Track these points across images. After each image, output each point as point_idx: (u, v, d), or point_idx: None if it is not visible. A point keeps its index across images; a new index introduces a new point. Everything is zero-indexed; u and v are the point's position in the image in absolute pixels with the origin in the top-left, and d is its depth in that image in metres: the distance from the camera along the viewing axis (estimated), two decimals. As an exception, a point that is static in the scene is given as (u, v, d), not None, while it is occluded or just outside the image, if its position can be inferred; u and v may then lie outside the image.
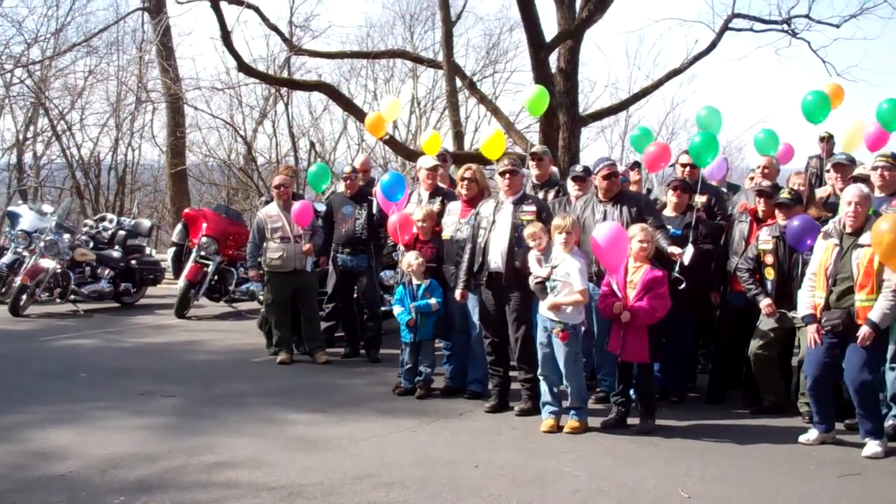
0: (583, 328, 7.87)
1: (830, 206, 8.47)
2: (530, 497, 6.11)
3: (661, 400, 8.54)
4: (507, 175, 8.28)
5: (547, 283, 7.70)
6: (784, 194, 8.03)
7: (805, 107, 8.80)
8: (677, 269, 8.03)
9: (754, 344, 8.08)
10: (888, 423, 7.38)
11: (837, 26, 18.24)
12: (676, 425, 7.89)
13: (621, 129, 31.47)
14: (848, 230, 7.13)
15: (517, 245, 8.09)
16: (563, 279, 7.61)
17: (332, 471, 6.58)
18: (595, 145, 30.80)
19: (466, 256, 8.38)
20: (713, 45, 17.79)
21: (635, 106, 26.79)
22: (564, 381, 7.77)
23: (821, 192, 9.10)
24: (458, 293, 8.46)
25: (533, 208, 8.20)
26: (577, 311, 7.70)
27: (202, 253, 13.60)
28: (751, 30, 18.48)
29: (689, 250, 8.12)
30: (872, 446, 7.04)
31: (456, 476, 6.51)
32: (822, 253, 7.22)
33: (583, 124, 16.83)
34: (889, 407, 7.47)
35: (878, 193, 7.76)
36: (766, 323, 8.01)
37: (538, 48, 15.63)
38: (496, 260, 8.18)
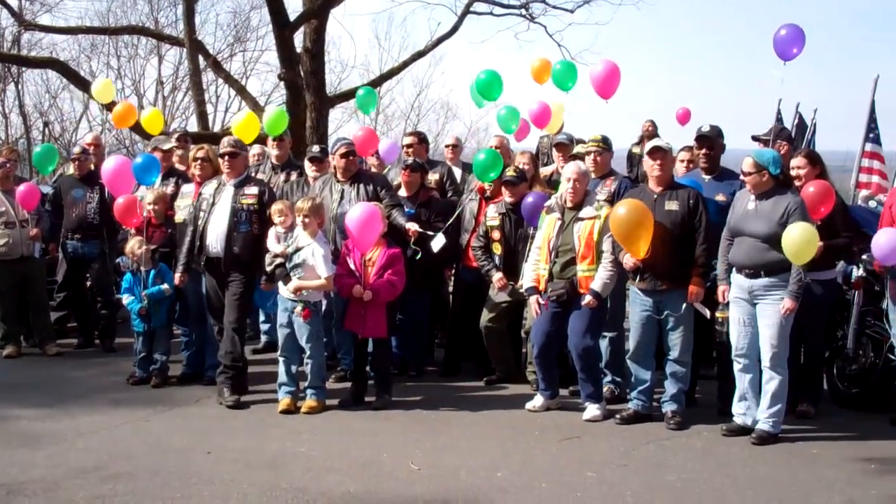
0: (323, 307, 7.88)
1: (555, 184, 8.86)
2: (262, 479, 6.07)
3: (400, 375, 8.70)
4: (227, 157, 8.11)
5: (287, 264, 7.63)
6: (510, 172, 8.33)
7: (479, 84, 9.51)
8: (412, 245, 8.18)
9: (485, 316, 8.36)
10: (605, 388, 7.85)
11: (572, 11, 19.18)
12: (413, 399, 8.05)
13: (374, 110, 31.58)
14: (569, 205, 7.50)
15: (236, 229, 7.95)
16: (307, 262, 7.57)
17: (57, 466, 6.30)
18: (349, 126, 30.84)
19: (187, 240, 8.16)
20: (455, 28, 18.27)
21: (387, 87, 27.10)
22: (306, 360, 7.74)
23: (546, 171, 9.51)
24: (176, 277, 8.23)
25: (254, 191, 8.08)
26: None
27: None
28: (491, 14, 19.12)
29: (440, 239, 8.30)
30: (592, 410, 7.45)
31: (188, 464, 6.38)
32: (546, 227, 7.56)
33: (331, 105, 16.82)
34: (605, 373, 7.95)
35: (592, 176, 8.19)
36: (496, 296, 8.30)
37: (282, 27, 15.49)
38: (215, 244, 8.01)
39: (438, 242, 8.28)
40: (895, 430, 7.17)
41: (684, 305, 7.18)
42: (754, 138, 8.71)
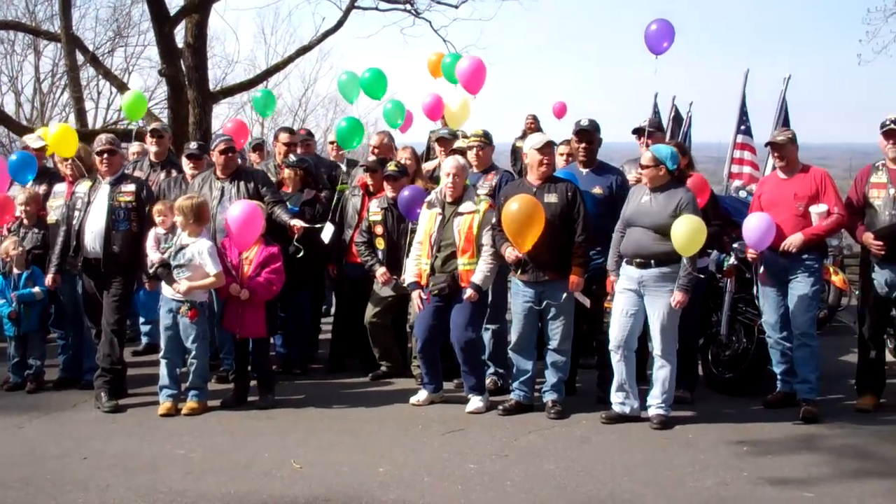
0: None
1: (437, 179, 8.89)
2: (140, 483, 5.96)
3: (285, 373, 8.63)
4: (106, 155, 7.91)
5: (172, 265, 7.48)
6: (391, 167, 8.33)
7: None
8: (295, 241, 8.11)
9: (369, 311, 8.35)
10: (488, 380, 7.93)
11: (456, 7, 19.25)
12: (297, 398, 7.99)
13: (273, 112, 31.14)
14: (449, 199, 7.54)
15: (114, 228, 7.77)
16: (194, 260, 7.43)
17: (-76, 480, 6.05)
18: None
19: (60, 240, 7.92)
20: (340, 23, 18.15)
21: (274, 83, 26.77)
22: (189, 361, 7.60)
23: (428, 166, 9.55)
24: (48, 279, 7.99)
25: (132, 188, 7.92)
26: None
27: None
28: (376, 9, 19.06)
29: (329, 228, 8.25)
30: (475, 402, 7.52)
31: (63, 471, 6.22)
32: (427, 221, 7.59)
33: (214, 100, 16.52)
34: (488, 365, 8.03)
35: (473, 170, 8.26)
36: (380, 291, 8.30)
37: (162, 22, 15.18)
38: (92, 244, 7.80)
39: (328, 232, 8.25)
40: (767, 412, 7.41)
41: (564, 295, 7.30)
42: (635, 131, 8.88)
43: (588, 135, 7.94)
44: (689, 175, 7.59)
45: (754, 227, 7.23)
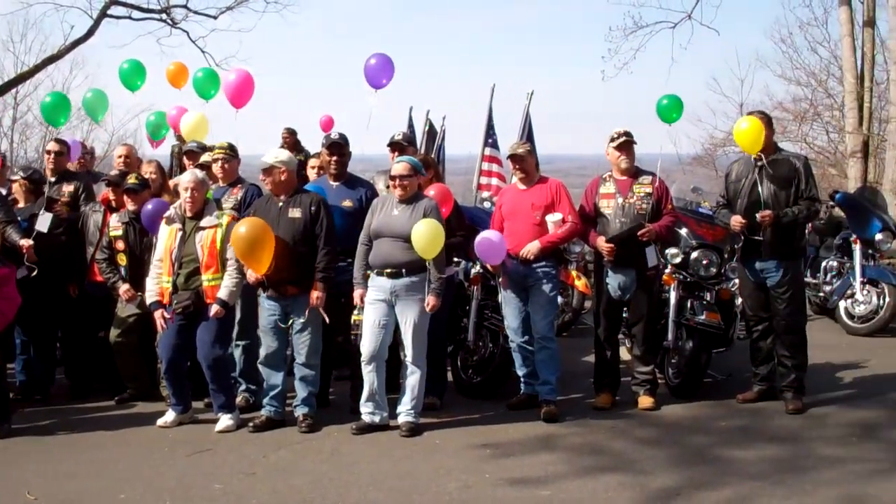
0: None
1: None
2: None
3: (24, 400, 8.24)
4: None
5: None
6: (131, 180, 8.06)
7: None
8: (26, 261, 7.70)
9: (114, 332, 8.02)
10: (239, 397, 7.81)
11: (215, 17, 18.99)
12: (38, 425, 7.56)
13: (10, 116, 29.42)
14: (188, 214, 7.37)
15: None
16: None
17: None
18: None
19: None
20: (91, 32, 17.47)
21: (24, 93, 25.35)
22: None
23: (175, 181, 9.30)
24: None
25: None
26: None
27: None
28: (130, 17, 18.46)
29: (46, 218, 7.89)
30: (225, 420, 7.37)
31: None
32: (167, 238, 7.39)
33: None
34: (239, 382, 7.91)
35: (220, 183, 8.13)
36: (124, 309, 8.00)
37: None
38: None
39: (44, 221, 7.91)
40: (511, 414, 7.67)
41: (309, 310, 7.28)
42: (389, 144, 8.99)
43: (339, 147, 7.98)
44: (437, 185, 7.77)
45: (484, 243, 7.48)
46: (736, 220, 7.70)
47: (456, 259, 8.20)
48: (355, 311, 7.45)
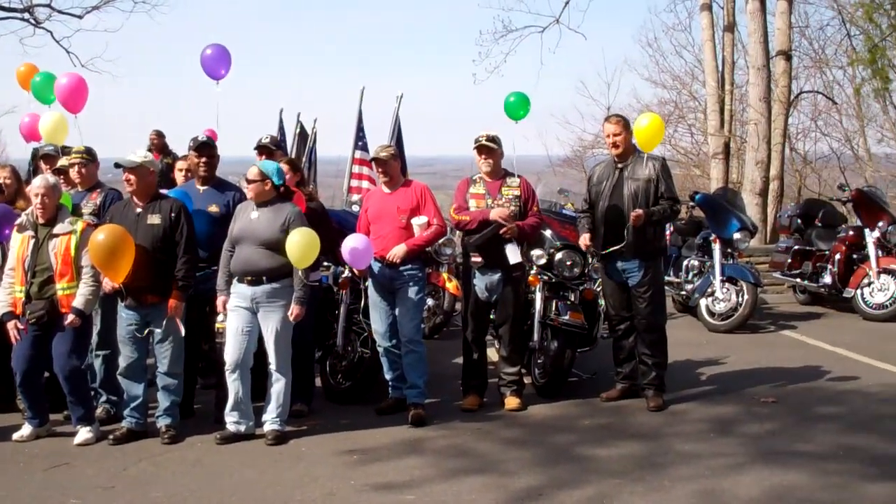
0: None
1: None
2: None
3: None
4: None
5: None
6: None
7: None
8: None
9: (-35, 345, 7.68)
10: (100, 408, 7.59)
11: (80, 17, 18.48)
12: None
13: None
14: (41, 221, 7.12)
15: None
16: None
17: None
18: None
19: None
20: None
21: None
22: None
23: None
24: None
25: None
26: None
27: None
28: (-9, 16, 17.77)
29: None
30: (84, 433, 7.14)
31: None
32: (19, 246, 7.12)
33: None
34: (100, 393, 7.68)
35: (79, 188, 7.89)
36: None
37: None
38: None
39: None
40: (380, 419, 7.65)
41: (166, 320, 7.12)
42: (257, 148, 8.86)
43: (208, 149, 7.82)
44: (295, 192, 7.69)
45: (352, 247, 7.45)
46: (583, 241, 7.93)
47: (326, 263, 8.16)
48: (219, 318, 7.31)
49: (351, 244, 7.43)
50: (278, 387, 7.13)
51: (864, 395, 8.15)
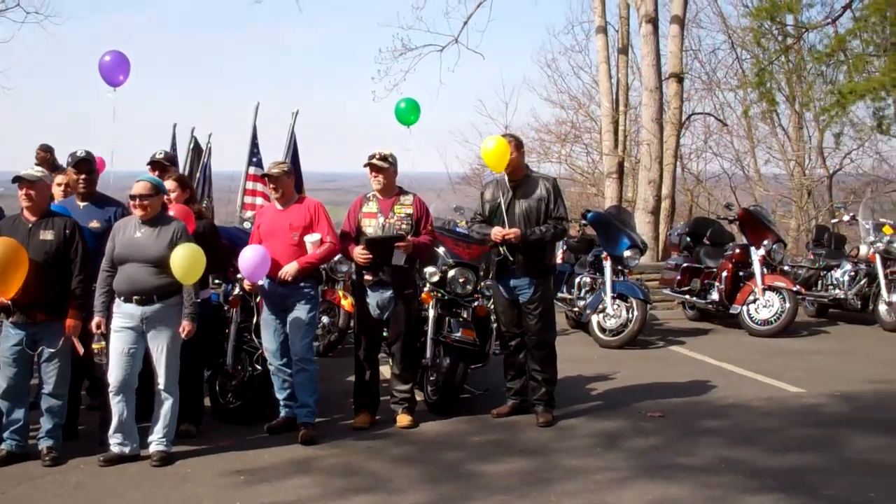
0: None
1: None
2: None
3: None
4: None
5: None
6: None
7: None
8: None
9: None
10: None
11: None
12: None
13: None
14: None
15: None
16: None
17: None
18: None
19: None
20: None
21: None
22: None
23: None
24: None
25: None
26: None
27: None
28: None
29: None
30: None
31: None
32: None
33: None
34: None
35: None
36: None
37: None
38: None
39: None
40: (270, 439, 7.56)
41: (62, 339, 6.94)
42: (150, 163, 8.71)
43: (88, 164, 7.67)
44: (184, 209, 7.59)
45: (249, 259, 7.39)
46: (496, 232, 7.92)
47: (217, 281, 8.05)
48: (94, 340, 7.06)
49: (248, 255, 7.35)
50: (166, 406, 7.01)
51: (747, 409, 8.40)
